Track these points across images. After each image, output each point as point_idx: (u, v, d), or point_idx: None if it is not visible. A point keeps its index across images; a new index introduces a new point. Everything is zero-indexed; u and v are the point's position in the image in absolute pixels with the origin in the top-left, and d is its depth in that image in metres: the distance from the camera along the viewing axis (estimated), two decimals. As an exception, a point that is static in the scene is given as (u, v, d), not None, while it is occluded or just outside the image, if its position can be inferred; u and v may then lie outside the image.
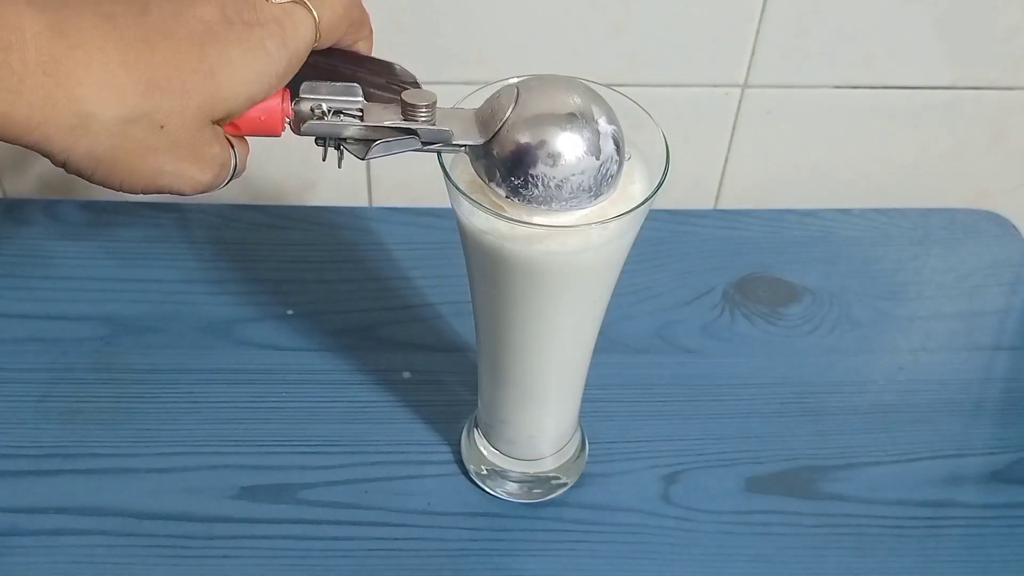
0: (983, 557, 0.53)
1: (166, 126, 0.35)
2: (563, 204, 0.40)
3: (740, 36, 0.66)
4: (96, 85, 0.34)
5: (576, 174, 0.39)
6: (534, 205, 0.40)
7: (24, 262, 0.67)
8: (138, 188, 0.37)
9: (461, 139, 0.40)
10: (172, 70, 0.35)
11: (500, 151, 0.39)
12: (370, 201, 0.75)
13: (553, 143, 0.39)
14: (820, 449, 0.58)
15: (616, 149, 0.40)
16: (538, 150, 0.39)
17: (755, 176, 0.75)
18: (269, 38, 0.37)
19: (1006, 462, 0.57)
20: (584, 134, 0.39)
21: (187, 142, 0.36)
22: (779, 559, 0.53)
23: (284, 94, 0.39)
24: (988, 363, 0.63)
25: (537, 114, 0.39)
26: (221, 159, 0.38)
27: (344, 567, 0.52)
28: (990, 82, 0.70)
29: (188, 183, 0.38)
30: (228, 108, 0.37)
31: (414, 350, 0.62)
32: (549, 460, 0.54)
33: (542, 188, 0.39)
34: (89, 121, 0.34)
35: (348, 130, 0.40)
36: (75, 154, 0.35)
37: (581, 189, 0.40)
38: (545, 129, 0.39)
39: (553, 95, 0.40)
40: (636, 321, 0.64)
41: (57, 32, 0.33)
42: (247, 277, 0.66)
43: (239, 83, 0.36)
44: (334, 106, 0.39)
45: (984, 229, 0.72)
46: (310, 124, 0.39)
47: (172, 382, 0.60)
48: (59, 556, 0.52)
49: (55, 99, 0.33)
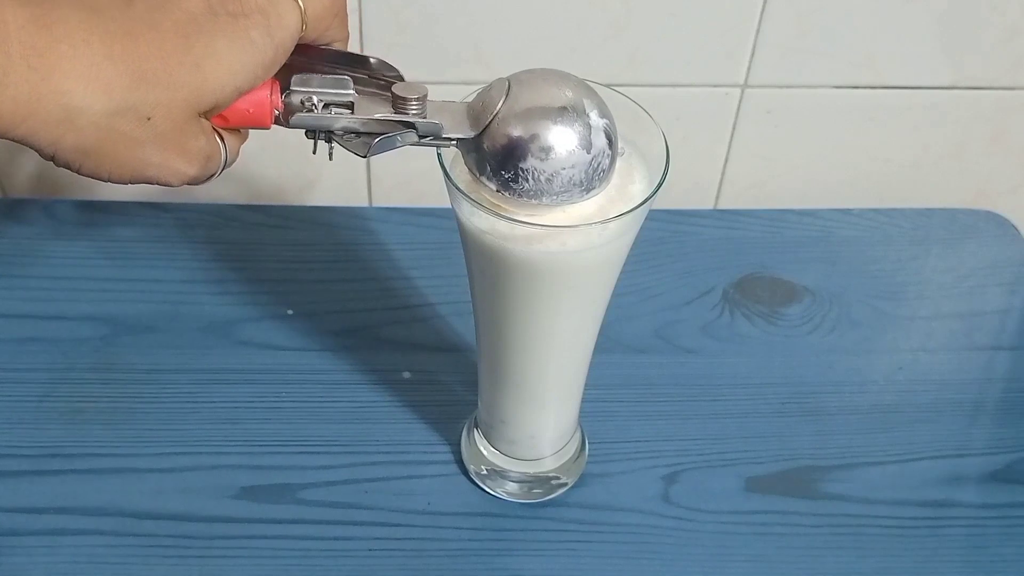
0: (983, 557, 0.53)
1: (152, 118, 0.35)
2: (554, 198, 0.40)
3: (740, 36, 0.66)
4: (82, 78, 0.33)
5: (567, 168, 0.39)
6: (525, 199, 0.40)
7: (24, 262, 0.67)
8: (125, 179, 0.37)
9: (452, 132, 0.40)
10: (158, 62, 0.35)
11: (491, 145, 0.39)
12: (370, 201, 0.75)
13: (544, 137, 0.39)
14: (820, 449, 0.58)
15: (608, 143, 0.40)
16: (529, 144, 0.39)
17: (755, 176, 0.75)
18: (254, 28, 0.37)
19: (1006, 462, 0.57)
20: (575, 128, 0.39)
21: (174, 134, 0.36)
22: (779, 559, 0.53)
23: (273, 87, 0.39)
24: (988, 363, 0.63)
25: (528, 108, 0.39)
26: (208, 151, 0.38)
27: (344, 567, 0.52)
28: (990, 82, 0.70)
29: (174, 175, 0.38)
30: (215, 100, 0.37)
31: (414, 350, 0.62)
32: (549, 460, 0.54)
33: (533, 182, 0.39)
34: (76, 115, 0.34)
35: (338, 123, 0.39)
36: (62, 147, 0.35)
37: (572, 183, 0.39)
38: (536, 123, 0.39)
39: (544, 89, 0.39)
40: (636, 321, 0.64)
41: (41, 25, 0.33)
42: (247, 277, 0.66)
43: (225, 74, 0.36)
44: (324, 99, 0.39)
45: (984, 229, 0.72)
46: (299, 116, 0.39)
47: (172, 382, 0.60)
48: (59, 556, 0.52)
49: (41, 93, 0.33)
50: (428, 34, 0.65)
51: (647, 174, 0.43)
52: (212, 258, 0.67)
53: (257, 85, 0.38)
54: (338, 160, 0.41)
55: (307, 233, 0.69)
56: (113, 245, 0.68)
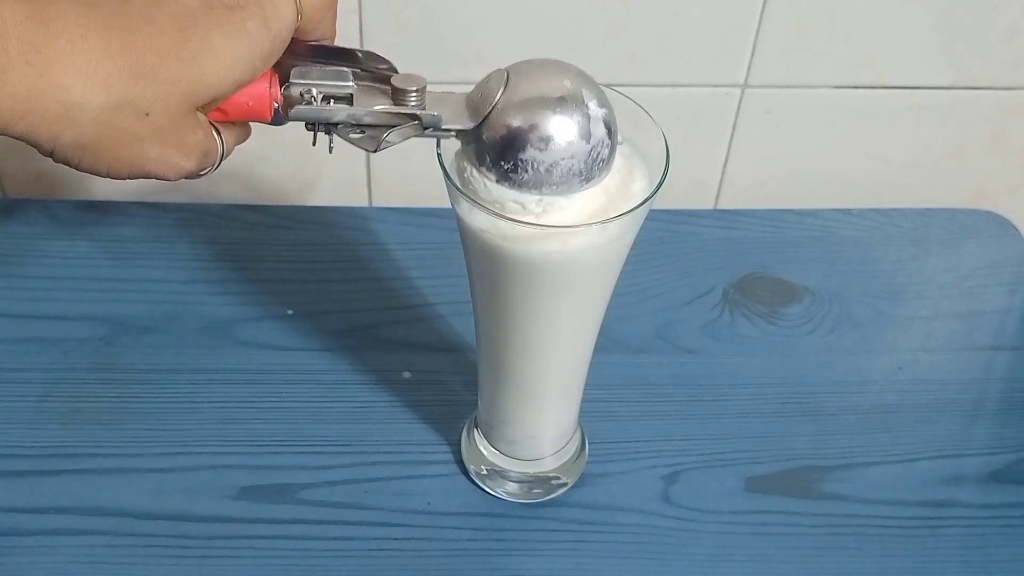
0: (983, 557, 0.53)
1: (151, 113, 0.35)
2: (554, 188, 0.39)
3: (740, 36, 0.66)
4: (80, 74, 0.33)
5: (566, 158, 0.39)
6: (525, 190, 0.39)
7: (24, 262, 0.67)
8: (123, 174, 0.37)
9: (451, 123, 0.40)
10: (155, 57, 0.35)
11: (490, 135, 0.39)
12: (370, 201, 0.75)
13: (543, 127, 0.38)
14: (820, 449, 0.58)
15: (608, 133, 0.40)
16: (528, 134, 0.38)
17: (755, 176, 0.75)
18: (251, 19, 0.37)
19: (1006, 462, 0.57)
20: (574, 118, 0.39)
21: (172, 129, 0.36)
22: (779, 559, 0.53)
23: (272, 79, 0.39)
24: (988, 363, 0.63)
25: (527, 98, 0.39)
26: (205, 146, 0.38)
27: (344, 567, 0.52)
28: (990, 82, 0.70)
29: (172, 169, 0.38)
30: (213, 93, 0.37)
31: (414, 350, 0.62)
32: (549, 460, 0.54)
33: (532, 172, 0.39)
34: (74, 111, 0.34)
35: (338, 115, 0.39)
36: (61, 143, 0.35)
37: (572, 173, 0.39)
38: (535, 113, 0.38)
39: (543, 79, 0.39)
40: (636, 321, 0.64)
41: (39, 21, 0.33)
42: (247, 277, 0.66)
43: (222, 67, 0.36)
44: (324, 91, 0.39)
45: (984, 229, 0.72)
46: (298, 109, 0.39)
47: (172, 382, 0.60)
48: (59, 556, 0.52)
49: (40, 89, 0.33)
50: (428, 34, 0.65)
51: (647, 173, 0.43)
52: (212, 258, 0.67)
53: (255, 77, 0.38)
54: (338, 160, 0.41)
55: (307, 233, 0.69)
56: (113, 245, 0.68)
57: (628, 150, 0.43)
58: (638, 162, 0.43)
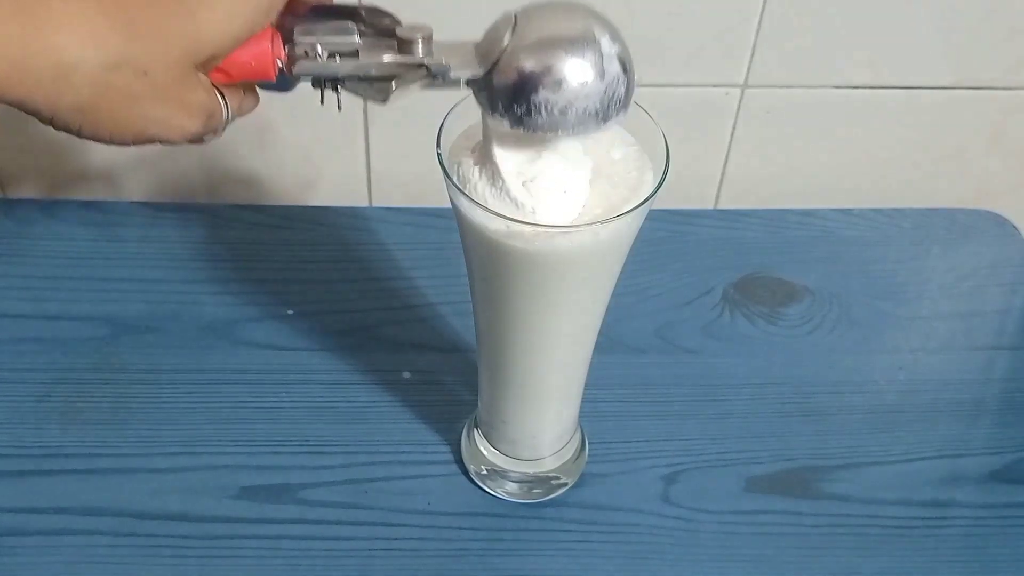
0: (983, 557, 0.53)
1: (149, 72, 0.35)
2: (570, 130, 0.38)
3: (740, 36, 0.66)
4: (75, 33, 0.33)
5: (581, 98, 0.38)
6: (540, 133, 0.39)
7: (24, 262, 0.67)
8: (127, 139, 0.36)
9: (460, 71, 0.39)
10: (151, 13, 0.34)
11: (501, 80, 0.38)
12: (370, 201, 0.75)
13: (555, 68, 0.37)
14: (820, 449, 0.58)
15: (623, 69, 0.38)
16: (539, 76, 0.37)
17: (755, 176, 0.75)
18: None
19: (1006, 462, 0.57)
20: (586, 56, 0.38)
21: (172, 88, 0.35)
22: (779, 559, 0.53)
23: (274, 38, 0.38)
24: (988, 363, 0.63)
25: (537, 39, 0.38)
26: (209, 106, 0.37)
27: (344, 567, 0.52)
28: (990, 82, 0.70)
29: (176, 131, 0.37)
30: (212, 49, 0.36)
31: (414, 350, 0.62)
32: (549, 460, 0.54)
33: (546, 115, 0.38)
34: (70, 71, 0.33)
35: (343, 69, 0.39)
36: (60, 107, 0.34)
37: (588, 114, 0.38)
38: (545, 53, 0.37)
39: (552, 19, 0.38)
40: (636, 321, 0.64)
41: None
42: (247, 277, 0.66)
43: (221, 20, 0.35)
44: (329, 47, 0.38)
45: (984, 229, 0.72)
46: (303, 64, 0.38)
47: (172, 382, 0.60)
48: (59, 556, 0.52)
49: (34, 51, 0.32)
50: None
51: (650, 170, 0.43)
52: (212, 258, 0.67)
53: (255, 32, 0.37)
54: (338, 160, 0.41)
55: (307, 233, 0.69)
56: (113, 245, 0.68)
57: (638, 149, 0.43)
58: (647, 161, 0.43)
